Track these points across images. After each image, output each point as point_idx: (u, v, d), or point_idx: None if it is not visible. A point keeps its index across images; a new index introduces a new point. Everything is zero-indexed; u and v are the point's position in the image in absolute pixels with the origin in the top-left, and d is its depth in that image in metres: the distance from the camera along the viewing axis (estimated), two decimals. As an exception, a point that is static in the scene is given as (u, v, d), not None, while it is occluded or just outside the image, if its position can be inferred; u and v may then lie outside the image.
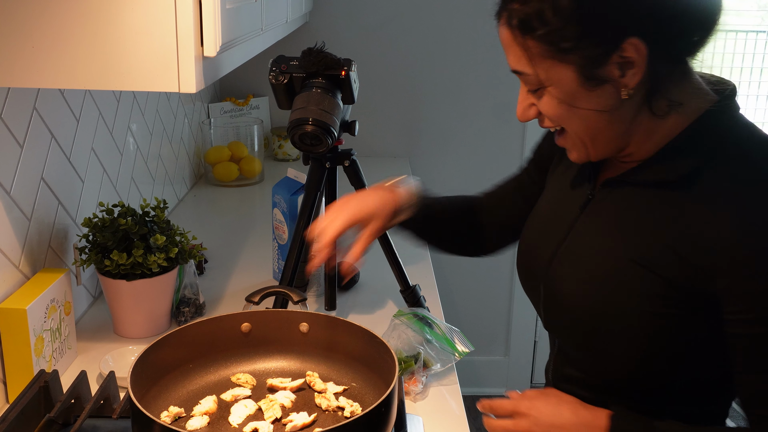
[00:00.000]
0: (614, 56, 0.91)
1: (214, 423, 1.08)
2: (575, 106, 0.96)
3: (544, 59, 0.94)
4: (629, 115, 0.97)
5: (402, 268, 1.61)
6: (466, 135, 2.95)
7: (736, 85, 1.01)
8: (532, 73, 0.96)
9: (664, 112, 0.96)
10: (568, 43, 0.91)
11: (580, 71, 0.93)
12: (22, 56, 1.04)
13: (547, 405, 1.04)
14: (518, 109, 1.03)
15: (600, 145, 1.00)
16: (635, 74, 0.92)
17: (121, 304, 1.49)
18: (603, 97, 0.94)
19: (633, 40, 0.90)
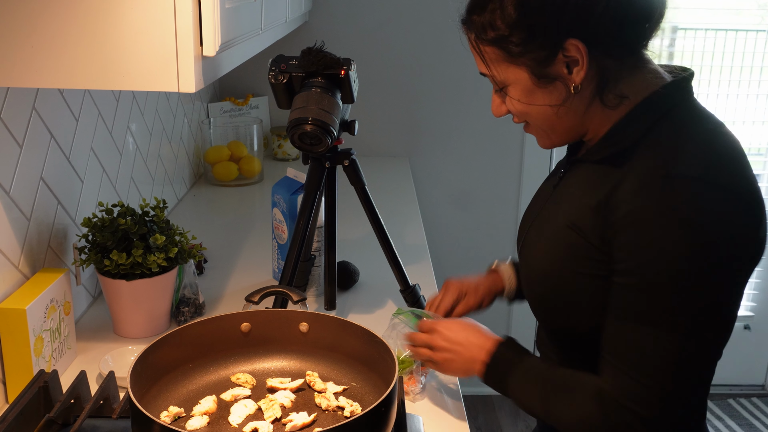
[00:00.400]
0: (559, 56, 1.02)
1: (214, 423, 1.07)
2: (532, 102, 1.07)
3: (500, 63, 1.07)
4: (582, 106, 1.07)
5: (402, 267, 1.61)
6: (465, 134, 2.95)
7: (694, 71, 1.09)
8: (491, 76, 1.10)
9: (614, 103, 1.05)
10: (517, 47, 1.03)
11: (531, 71, 1.04)
12: (21, 56, 1.04)
13: (455, 325, 1.25)
14: (492, 106, 1.17)
15: (560, 133, 1.12)
16: (580, 70, 1.02)
17: (120, 304, 1.49)
18: (555, 93, 1.05)
19: (572, 41, 1.00)
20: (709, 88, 3.05)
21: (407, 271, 1.63)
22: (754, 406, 3.23)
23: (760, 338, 3.29)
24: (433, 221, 2.94)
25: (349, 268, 1.79)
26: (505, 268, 1.46)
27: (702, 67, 3.01)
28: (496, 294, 1.45)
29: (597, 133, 1.09)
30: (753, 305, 3.27)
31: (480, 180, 3.03)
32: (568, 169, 1.18)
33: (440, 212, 3.03)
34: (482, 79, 1.07)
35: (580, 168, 1.13)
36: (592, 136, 1.11)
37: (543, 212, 1.19)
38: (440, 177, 3.02)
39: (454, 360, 1.22)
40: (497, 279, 1.45)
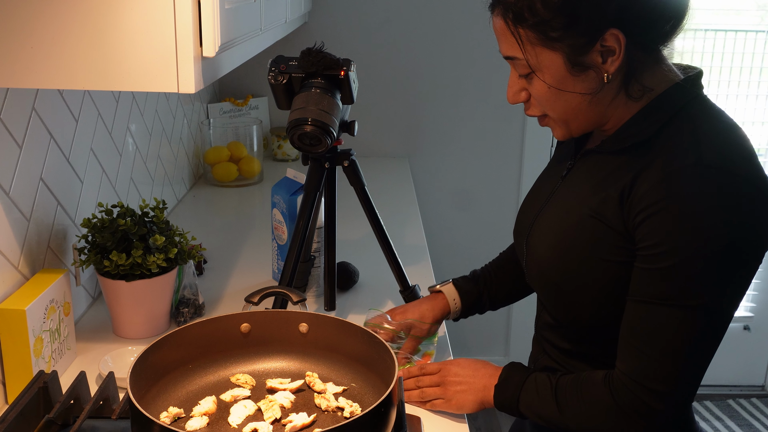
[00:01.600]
0: (597, 45, 1.03)
1: (214, 423, 1.07)
2: (562, 89, 1.07)
3: (535, 46, 1.06)
4: (608, 97, 1.08)
5: (401, 268, 1.61)
6: (465, 135, 2.96)
7: (702, 70, 1.14)
8: (524, 59, 1.08)
9: (639, 95, 1.08)
10: (556, 32, 1.03)
11: (566, 58, 1.04)
12: (21, 57, 1.03)
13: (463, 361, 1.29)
14: (508, 92, 1.15)
15: (581, 123, 1.12)
16: (615, 61, 1.04)
17: (120, 305, 1.49)
18: (587, 81, 1.06)
19: (613, 30, 1.02)
20: (708, 89, 3.03)
21: (407, 271, 1.63)
22: (753, 407, 3.23)
23: (759, 339, 3.29)
24: (432, 222, 2.94)
25: (349, 269, 1.79)
26: (448, 290, 1.48)
27: (702, 68, 3.01)
28: (441, 319, 1.48)
29: (617, 124, 1.12)
30: (752, 306, 3.27)
31: (480, 180, 3.03)
32: (577, 160, 1.19)
33: (440, 213, 3.03)
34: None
35: (594, 158, 1.15)
36: (610, 127, 1.12)
37: (554, 202, 1.20)
38: (440, 177, 3.02)
39: (467, 391, 1.25)
40: (442, 303, 1.47)
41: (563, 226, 1.15)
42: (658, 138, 1.06)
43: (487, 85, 2.88)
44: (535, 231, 1.22)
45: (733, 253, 1.00)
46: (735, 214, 0.99)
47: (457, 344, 3.07)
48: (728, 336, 1.08)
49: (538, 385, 1.17)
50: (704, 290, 1.01)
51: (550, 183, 1.26)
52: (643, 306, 1.04)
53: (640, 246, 1.04)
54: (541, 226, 1.21)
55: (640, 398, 1.05)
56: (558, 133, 1.16)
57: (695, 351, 1.03)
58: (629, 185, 1.05)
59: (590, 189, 1.12)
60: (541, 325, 1.30)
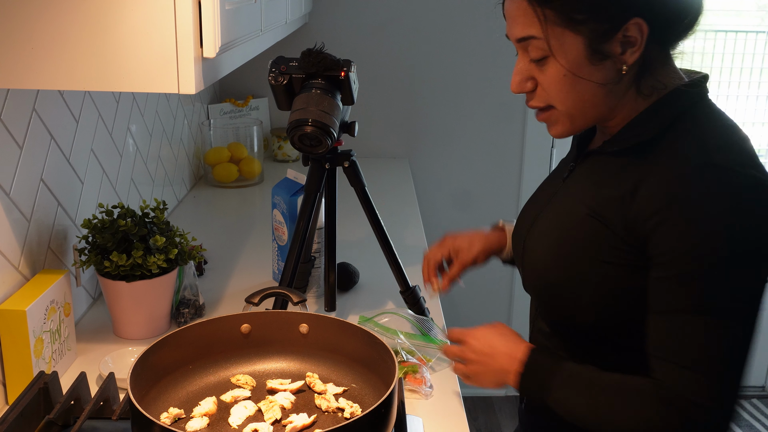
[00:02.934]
0: (619, 34, 1.01)
1: (214, 424, 1.07)
2: (579, 75, 1.04)
3: (557, 27, 1.02)
4: (620, 91, 1.06)
5: (402, 268, 1.61)
6: (465, 135, 2.96)
7: (708, 73, 1.13)
8: (544, 40, 1.03)
9: (649, 92, 1.06)
10: (581, 14, 1.00)
11: (588, 43, 1.02)
12: (21, 57, 1.04)
13: (482, 333, 1.20)
14: (514, 80, 1.10)
15: (587, 117, 1.09)
16: (634, 52, 1.02)
17: (120, 306, 1.49)
18: (603, 71, 1.04)
19: (638, 20, 1.00)
20: (709, 90, 3.05)
21: (407, 272, 1.63)
22: (754, 408, 3.22)
23: (759, 339, 3.27)
24: (433, 222, 2.94)
25: (349, 270, 1.79)
26: (510, 229, 1.40)
27: (702, 69, 3.00)
28: (491, 252, 1.43)
29: (621, 122, 1.09)
30: (753, 306, 3.27)
31: (480, 181, 3.03)
32: (579, 162, 1.18)
33: (440, 213, 3.03)
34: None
35: (595, 160, 1.14)
36: (614, 125, 1.10)
37: (552, 205, 1.18)
38: (440, 178, 3.02)
39: (485, 372, 1.19)
40: (499, 237, 1.43)
41: (561, 226, 1.13)
42: (661, 139, 1.04)
43: (487, 86, 2.88)
44: (533, 233, 1.20)
45: (750, 253, 0.98)
46: (749, 212, 0.97)
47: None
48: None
49: (572, 377, 1.09)
50: (732, 294, 0.98)
51: (551, 186, 1.24)
52: (669, 317, 1.00)
53: (655, 253, 1.00)
54: (539, 228, 1.19)
55: (690, 414, 0.99)
56: (557, 129, 1.12)
57: (734, 357, 1.00)
58: (633, 187, 1.02)
59: (590, 189, 1.10)
60: (536, 333, 1.26)
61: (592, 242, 1.07)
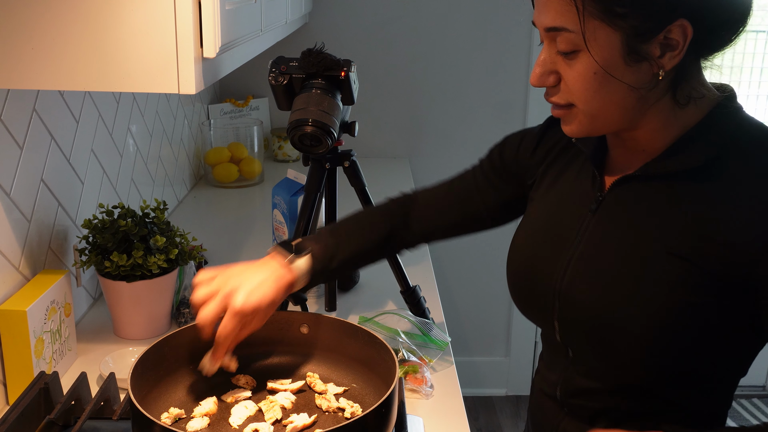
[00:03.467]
0: (660, 35, 0.92)
1: (215, 424, 1.07)
2: (610, 74, 0.94)
3: (594, 18, 0.92)
4: (654, 97, 0.97)
5: (402, 269, 1.61)
6: (466, 135, 2.96)
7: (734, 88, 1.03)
8: (578, 31, 0.93)
9: (685, 101, 0.97)
10: (623, 8, 0.90)
11: (625, 40, 0.92)
12: (21, 58, 1.04)
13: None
14: (536, 71, 0.99)
15: (611, 120, 0.99)
16: (675, 56, 0.93)
17: (121, 306, 1.49)
18: (638, 73, 0.94)
19: (683, 21, 0.91)
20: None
21: (407, 272, 1.63)
22: (754, 407, 3.22)
23: (760, 339, 3.29)
24: (433, 222, 2.94)
25: (350, 270, 1.79)
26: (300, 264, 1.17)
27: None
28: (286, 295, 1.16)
29: (653, 135, 1.00)
30: (753, 306, 3.27)
31: (480, 181, 3.02)
32: (611, 190, 1.05)
33: (440, 213, 3.02)
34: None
35: (637, 186, 1.02)
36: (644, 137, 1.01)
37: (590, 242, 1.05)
38: (441, 178, 3.01)
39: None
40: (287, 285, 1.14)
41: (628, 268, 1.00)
42: (719, 159, 0.96)
43: (487, 86, 2.88)
44: (575, 278, 1.04)
45: None
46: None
47: (457, 344, 3.07)
48: (729, 336, 1.05)
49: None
50: None
51: (571, 219, 1.09)
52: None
53: None
54: (584, 271, 1.04)
55: None
56: (573, 127, 1.01)
57: None
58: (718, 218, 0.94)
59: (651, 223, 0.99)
60: (572, 392, 1.11)
61: (673, 282, 0.96)
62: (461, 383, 1.43)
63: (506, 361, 3.20)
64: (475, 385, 3.16)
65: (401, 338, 1.47)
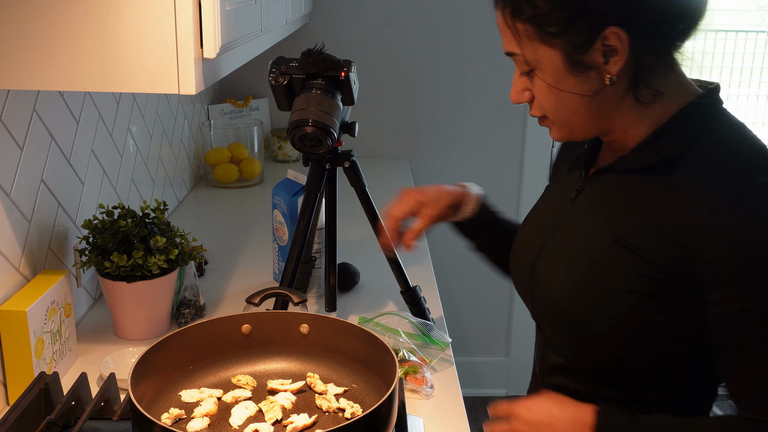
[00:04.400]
0: (597, 43, 0.96)
1: (215, 425, 1.07)
2: (562, 89, 1.00)
3: (532, 42, 0.99)
4: (613, 100, 1.01)
5: (402, 269, 1.61)
6: (466, 135, 2.96)
7: (719, 84, 1.06)
8: (521, 55, 1.01)
9: (648, 100, 1.00)
10: (555, 27, 0.96)
11: (565, 56, 0.98)
12: (21, 58, 1.04)
13: (538, 404, 1.07)
14: (512, 91, 1.08)
15: (582, 127, 1.05)
16: (617, 61, 0.97)
17: (121, 306, 1.49)
18: (588, 82, 0.99)
19: (614, 28, 0.94)
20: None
21: (408, 272, 1.63)
22: (755, 407, 3.22)
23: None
24: (433, 222, 2.94)
25: (350, 270, 1.79)
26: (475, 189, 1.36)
27: (702, 69, 3.01)
28: (458, 208, 1.34)
29: (625, 135, 1.04)
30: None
31: (480, 181, 2.99)
32: (588, 180, 1.11)
33: (441, 213, 3.02)
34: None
35: (609, 178, 1.07)
36: (619, 138, 1.05)
37: (564, 228, 1.11)
38: (441, 178, 3.01)
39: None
40: (462, 194, 1.34)
41: (583, 254, 1.06)
42: (685, 156, 0.98)
43: (487, 86, 2.88)
44: (544, 260, 1.12)
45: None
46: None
47: (457, 345, 3.07)
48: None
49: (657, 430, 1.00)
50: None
51: (556, 207, 1.16)
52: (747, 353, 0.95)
53: (713, 287, 0.95)
54: (552, 255, 1.11)
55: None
56: (556, 133, 1.08)
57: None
58: (668, 214, 0.97)
59: (613, 213, 1.04)
60: (547, 370, 1.17)
61: (620, 271, 1.01)
62: (461, 383, 1.43)
63: (506, 361, 3.20)
64: (475, 386, 3.16)
65: (401, 338, 1.47)
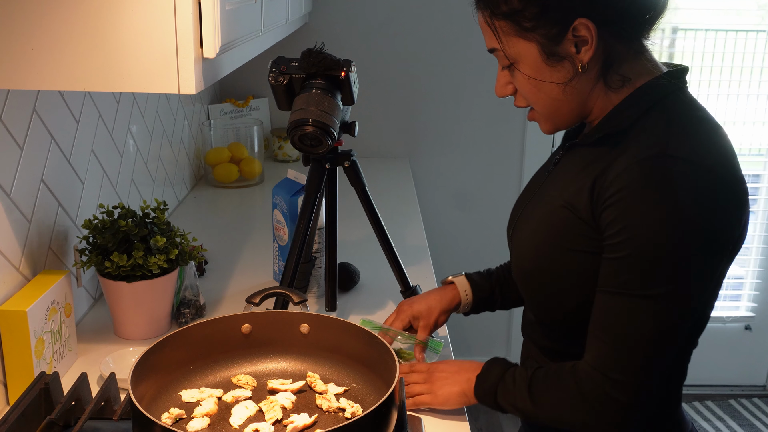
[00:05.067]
0: (568, 34, 1.05)
1: (215, 424, 1.07)
2: (539, 79, 1.10)
3: (511, 37, 1.09)
4: (587, 87, 1.10)
5: (402, 268, 1.61)
6: (466, 135, 2.96)
7: (688, 67, 1.14)
8: (502, 50, 1.11)
9: (618, 85, 1.10)
10: (529, 22, 1.06)
11: (541, 48, 1.07)
12: (21, 58, 1.04)
13: (451, 361, 1.31)
14: (496, 85, 1.19)
15: (563, 115, 1.14)
16: (588, 50, 1.06)
17: (121, 306, 1.49)
18: (563, 71, 1.08)
19: (582, 20, 1.04)
20: (709, 89, 3.05)
21: (408, 272, 1.63)
22: (755, 407, 3.22)
23: (760, 339, 3.29)
24: (433, 222, 2.94)
25: (350, 270, 1.79)
26: (460, 282, 1.47)
27: (702, 68, 3.01)
28: (451, 311, 1.47)
29: (599, 116, 1.13)
30: (753, 306, 3.27)
31: (480, 180, 3.03)
32: (563, 155, 1.21)
33: (441, 213, 3.03)
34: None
35: (576, 152, 1.17)
36: (594, 119, 1.14)
37: (536, 196, 1.22)
38: (441, 178, 3.02)
39: (451, 383, 1.27)
40: (453, 295, 1.46)
41: (540, 217, 1.17)
42: (632, 129, 1.07)
43: (487, 85, 2.88)
44: (519, 224, 1.24)
45: (694, 243, 1.00)
46: (695, 204, 1.00)
47: (458, 345, 3.07)
48: (729, 336, 1.09)
49: (516, 377, 1.18)
50: (657, 280, 1.01)
51: (538, 178, 1.28)
52: (606, 296, 1.06)
53: (605, 235, 1.05)
54: (524, 218, 1.23)
55: (601, 387, 1.07)
56: (544, 126, 1.19)
57: (655, 341, 1.04)
58: (600, 175, 1.06)
59: (569, 180, 1.14)
60: (525, 323, 1.31)
61: (565, 232, 1.11)
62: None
63: (506, 360, 3.19)
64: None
65: (401, 338, 1.47)
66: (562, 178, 1.17)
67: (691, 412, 3.15)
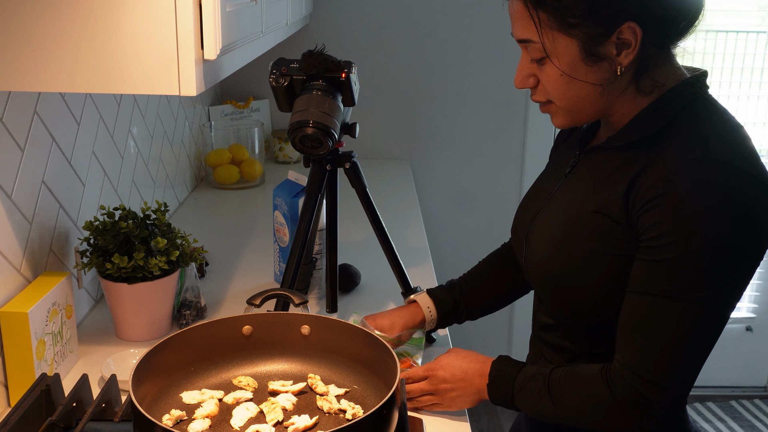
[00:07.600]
0: (613, 36, 1.04)
1: (216, 426, 1.07)
2: (574, 77, 1.07)
3: (552, 31, 1.05)
4: (618, 90, 1.09)
5: (403, 269, 1.61)
6: (467, 136, 2.96)
7: (707, 70, 1.15)
8: (539, 43, 1.07)
9: (649, 89, 1.09)
10: (575, 19, 1.03)
11: (582, 46, 1.05)
12: (22, 60, 1.04)
13: (451, 362, 1.27)
14: (517, 76, 1.14)
15: (586, 113, 1.13)
16: (629, 54, 1.05)
17: (122, 308, 1.49)
18: (599, 72, 1.07)
19: (631, 23, 1.03)
20: (710, 90, 3.05)
21: (409, 273, 1.63)
22: (756, 408, 3.22)
23: (761, 340, 3.29)
24: (434, 223, 2.94)
25: (351, 271, 1.79)
26: (422, 299, 1.46)
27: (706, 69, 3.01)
28: (414, 327, 1.46)
29: (622, 118, 1.12)
30: (754, 306, 3.27)
31: (481, 182, 3.03)
32: (581, 158, 1.20)
33: (441, 214, 3.03)
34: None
35: (599, 155, 1.15)
36: (616, 120, 1.13)
37: (555, 200, 1.20)
38: (441, 179, 3.02)
39: (461, 396, 1.26)
40: (416, 311, 1.46)
41: (565, 220, 1.15)
42: (663, 134, 1.06)
43: (487, 86, 2.88)
44: (536, 227, 1.22)
45: (734, 248, 1.00)
46: (738, 208, 0.99)
47: (458, 344, 3.07)
48: (730, 337, 1.09)
49: (529, 380, 1.17)
50: (704, 284, 1.01)
51: (552, 181, 1.26)
52: (643, 298, 1.05)
53: (642, 238, 1.04)
54: (542, 223, 1.21)
55: (638, 390, 1.05)
56: (558, 120, 1.16)
57: (693, 344, 1.04)
58: (634, 179, 1.05)
59: (596, 185, 1.12)
60: (539, 327, 1.29)
61: (597, 235, 1.10)
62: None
63: (507, 362, 3.19)
64: (477, 386, 3.16)
65: None
66: (586, 183, 1.15)
67: (692, 413, 3.15)
